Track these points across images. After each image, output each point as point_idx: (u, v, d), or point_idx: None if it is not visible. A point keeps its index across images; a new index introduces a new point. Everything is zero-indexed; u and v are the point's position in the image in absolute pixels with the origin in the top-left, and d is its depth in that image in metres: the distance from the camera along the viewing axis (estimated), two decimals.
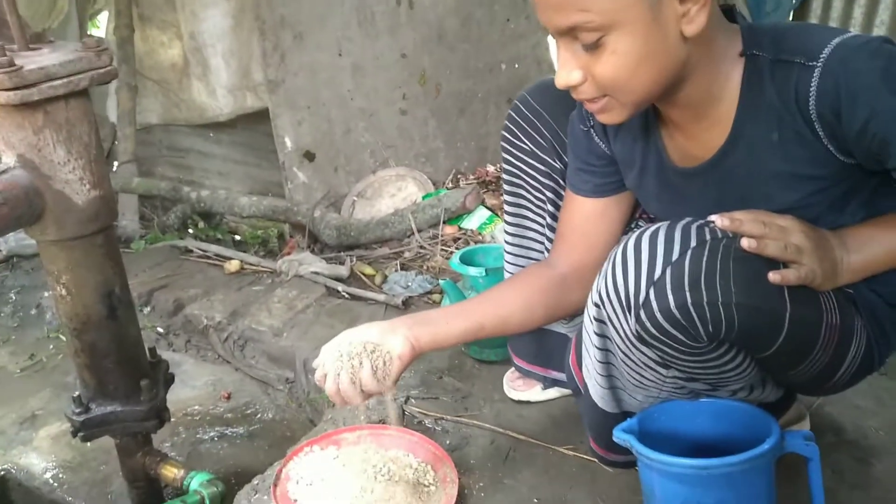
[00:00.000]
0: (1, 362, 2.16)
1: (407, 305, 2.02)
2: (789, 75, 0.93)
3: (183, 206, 2.80)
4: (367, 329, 1.13)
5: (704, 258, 0.91)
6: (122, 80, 2.74)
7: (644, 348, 0.99)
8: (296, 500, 1.22)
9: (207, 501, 1.41)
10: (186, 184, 2.88)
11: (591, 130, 1.18)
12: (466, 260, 1.67)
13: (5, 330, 2.33)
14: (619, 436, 1.03)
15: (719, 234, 0.93)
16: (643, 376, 1.05)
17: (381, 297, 2.07)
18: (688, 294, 0.90)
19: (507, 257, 1.42)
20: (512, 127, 1.32)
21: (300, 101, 2.48)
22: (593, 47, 0.90)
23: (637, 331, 0.96)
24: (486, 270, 1.59)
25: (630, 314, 0.95)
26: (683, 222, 0.95)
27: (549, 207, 1.33)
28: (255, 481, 1.32)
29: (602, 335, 1.04)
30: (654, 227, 0.95)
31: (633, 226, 1.25)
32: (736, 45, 0.97)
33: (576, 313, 1.25)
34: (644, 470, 1.03)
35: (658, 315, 0.92)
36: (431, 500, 1.22)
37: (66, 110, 1.17)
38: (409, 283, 2.13)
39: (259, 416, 1.89)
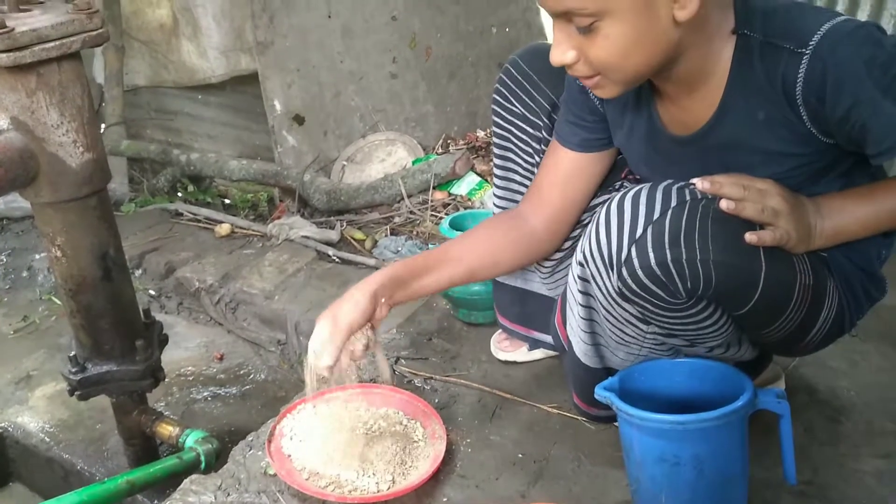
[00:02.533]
0: None
1: None
2: (778, 60, 0.95)
3: (172, 170, 2.79)
4: (349, 311, 1.14)
5: (684, 217, 0.94)
6: (109, 41, 2.70)
7: (626, 304, 1.03)
8: (289, 455, 1.27)
9: (203, 458, 1.45)
10: (175, 146, 2.87)
11: None
12: (456, 225, 1.69)
13: None
14: (601, 393, 1.07)
15: (699, 196, 0.97)
16: (625, 332, 1.09)
17: (372, 262, 2.10)
18: (668, 251, 0.94)
19: None
20: (503, 90, 1.33)
21: (289, 64, 2.47)
22: (587, 30, 0.92)
23: (619, 287, 1.00)
24: None
25: (612, 271, 0.99)
26: (665, 184, 0.98)
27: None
28: (249, 437, 1.36)
29: (586, 293, 1.08)
30: (636, 189, 0.99)
31: (618, 186, 1.28)
32: (729, 22, 0.98)
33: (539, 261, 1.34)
34: (624, 426, 1.07)
35: (639, 272, 0.96)
36: (420, 455, 1.26)
37: (58, 73, 1.18)
38: (399, 248, 2.16)
39: (251, 376, 1.92)
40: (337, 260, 2.18)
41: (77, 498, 1.34)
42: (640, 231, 0.95)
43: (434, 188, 2.40)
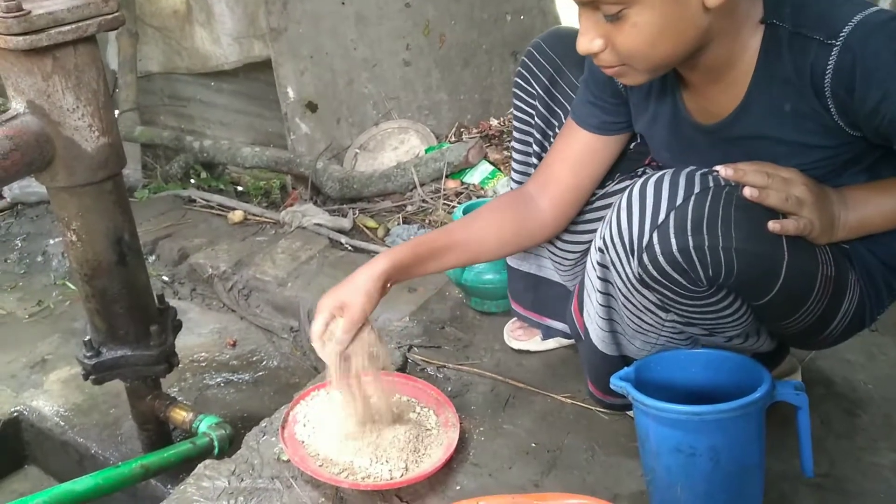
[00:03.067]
0: (9, 308, 2.20)
1: None
2: (807, 51, 0.93)
3: (185, 156, 2.80)
4: (363, 303, 1.15)
5: (707, 204, 0.93)
6: (123, 27, 2.70)
7: (645, 291, 1.02)
8: (303, 442, 1.27)
9: (216, 443, 1.46)
10: (188, 133, 2.87)
11: None
12: None
13: (12, 276, 2.36)
14: (616, 383, 1.06)
15: (722, 183, 0.96)
16: (643, 320, 1.08)
17: (384, 250, 2.09)
18: (690, 238, 0.93)
19: None
20: (525, 73, 1.32)
21: (303, 51, 2.46)
22: (615, 18, 0.91)
23: (639, 273, 0.99)
24: None
25: (633, 257, 0.98)
26: (688, 170, 0.97)
27: None
28: (263, 423, 1.36)
29: (604, 279, 1.08)
30: (659, 174, 0.98)
31: (640, 173, 1.27)
32: (757, 11, 0.96)
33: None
34: (639, 416, 1.06)
35: (660, 258, 0.95)
36: (434, 443, 1.26)
37: (74, 56, 1.18)
38: (412, 237, 2.15)
39: (264, 363, 1.93)
40: (349, 248, 2.17)
41: (92, 481, 1.35)
42: (662, 217, 0.94)
43: (447, 177, 2.39)
